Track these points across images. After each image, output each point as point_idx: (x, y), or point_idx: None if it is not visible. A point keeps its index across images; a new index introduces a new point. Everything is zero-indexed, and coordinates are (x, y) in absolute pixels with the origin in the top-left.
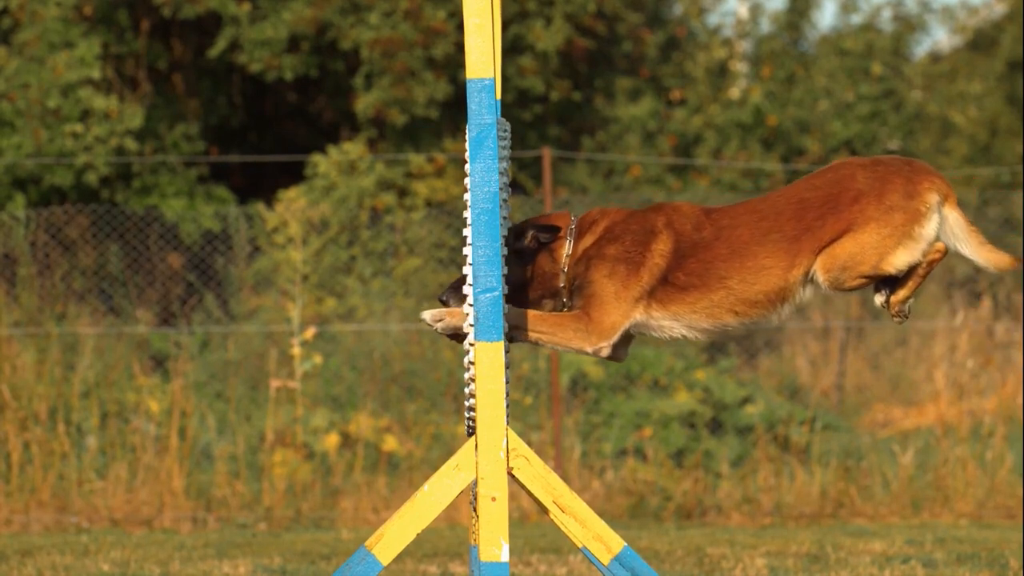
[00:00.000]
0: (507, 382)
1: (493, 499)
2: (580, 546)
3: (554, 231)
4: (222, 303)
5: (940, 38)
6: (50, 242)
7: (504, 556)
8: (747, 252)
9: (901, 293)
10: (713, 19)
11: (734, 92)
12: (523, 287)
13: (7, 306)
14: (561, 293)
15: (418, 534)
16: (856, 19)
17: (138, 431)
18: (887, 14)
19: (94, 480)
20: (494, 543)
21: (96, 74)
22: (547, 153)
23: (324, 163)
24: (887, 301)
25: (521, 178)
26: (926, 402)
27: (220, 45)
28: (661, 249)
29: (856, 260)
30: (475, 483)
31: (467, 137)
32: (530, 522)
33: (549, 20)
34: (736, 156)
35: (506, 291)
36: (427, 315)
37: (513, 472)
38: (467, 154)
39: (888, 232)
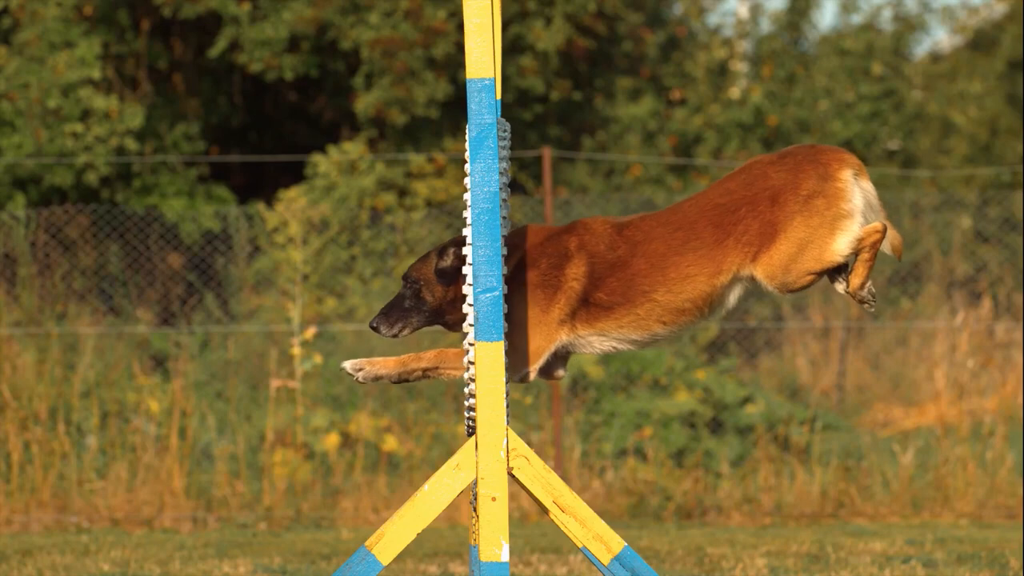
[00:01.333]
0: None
1: (493, 499)
2: (580, 546)
3: (461, 258)
4: (222, 303)
5: (940, 38)
6: (50, 242)
7: (504, 556)
8: (668, 264)
9: (855, 280)
10: (713, 19)
11: (734, 92)
12: (446, 309)
13: (7, 306)
14: None
15: (418, 534)
16: (856, 19)
17: (138, 431)
18: (887, 14)
19: (94, 480)
20: (494, 543)
21: (96, 74)
22: (547, 153)
23: (324, 163)
24: (848, 290)
25: (521, 178)
26: (926, 402)
27: (220, 45)
28: (575, 273)
29: (795, 258)
30: (475, 483)
31: (467, 137)
32: (530, 522)
33: (549, 20)
34: (736, 156)
35: (442, 317)
36: (347, 365)
37: (513, 472)
38: (467, 154)
39: (817, 221)
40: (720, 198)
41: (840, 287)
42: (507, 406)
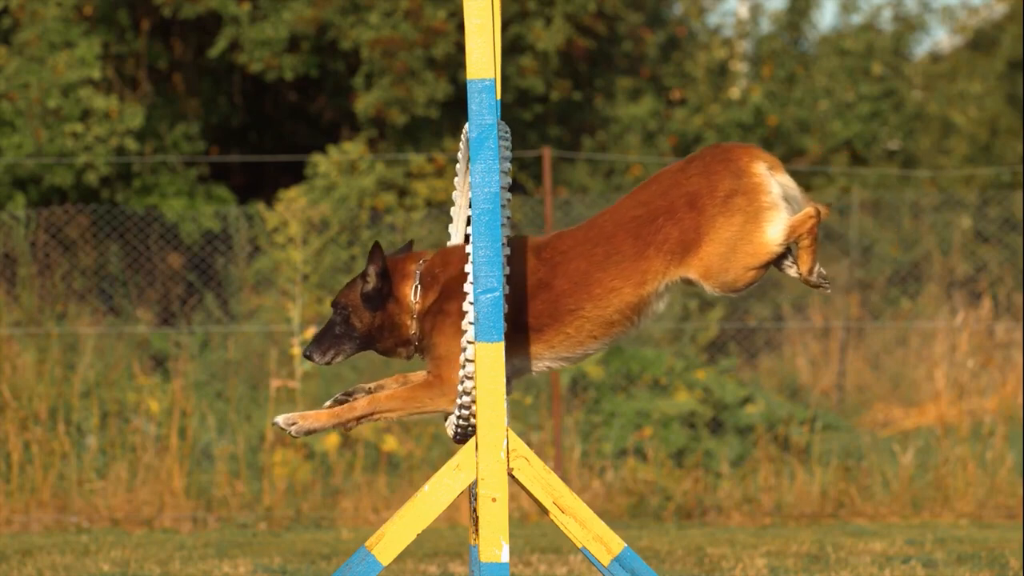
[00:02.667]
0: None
1: (493, 500)
2: (580, 547)
3: (384, 277)
4: (222, 303)
5: (940, 38)
6: (50, 242)
7: (504, 557)
8: (591, 280)
9: (802, 267)
10: (713, 19)
11: (734, 92)
12: (375, 335)
13: (7, 306)
14: (412, 342)
15: (418, 534)
16: (856, 19)
17: (138, 431)
18: (887, 14)
19: (94, 480)
20: (494, 544)
21: (96, 74)
22: (547, 153)
23: (324, 163)
24: (799, 276)
25: (521, 178)
26: (926, 402)
27: (220, 45)
28: None
29: (729, 257)
30: (475, 483)
31: (468, 137)
32: (530, 522)
33: (549, 20)
34: None
35: (392, 350)
36: (279, 420)
37: (513, 473)
38: (458, 154)
39: (741, 218)
40: (635, 210)
41: (792, 271)
42: (507, 407)
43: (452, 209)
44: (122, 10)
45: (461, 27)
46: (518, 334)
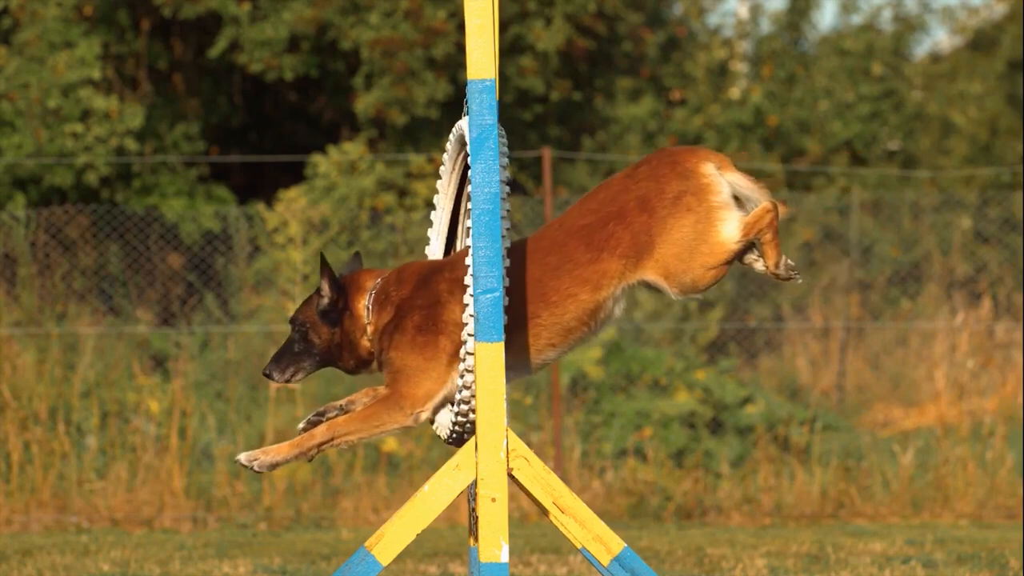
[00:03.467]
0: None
1: (493, 500)
2: (580, 547)
3: (338, 290)
4: (222, 303)
5: (940, 38)
6: (50, 242)
7: (504, 557)
8: (547, 288)
9: (768, 261)
10: (713, 19)
11: (734, 92)
12: (335, 352)
13: (7, 306)
14: (371, 361)
15: (418, 534)
16: (856, 19)
17: (138, 431)
18: (887, 14)
19: (94, 480)
20: (494, 544)
21: (96, 74)
22: (547, 153)
23: (324, 163)
24: (766, 270)
25: (521, 178)
26: (926, 402)
27: (220, 45)
28: (451, 315)
29: (685, 258)
30: (474, 484)
31: (455, 137)
32: (530, 522)
33: (549, 20)
34: (736, 156)
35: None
36: (242, 458)
37: (513, 473)
38: (444, 155)
39: (693, 218)
40: (585, 218)
41: (759, 266)
42: (507, 406)
43: (433, 213)
44: (122, 10)
45: (461, 27)
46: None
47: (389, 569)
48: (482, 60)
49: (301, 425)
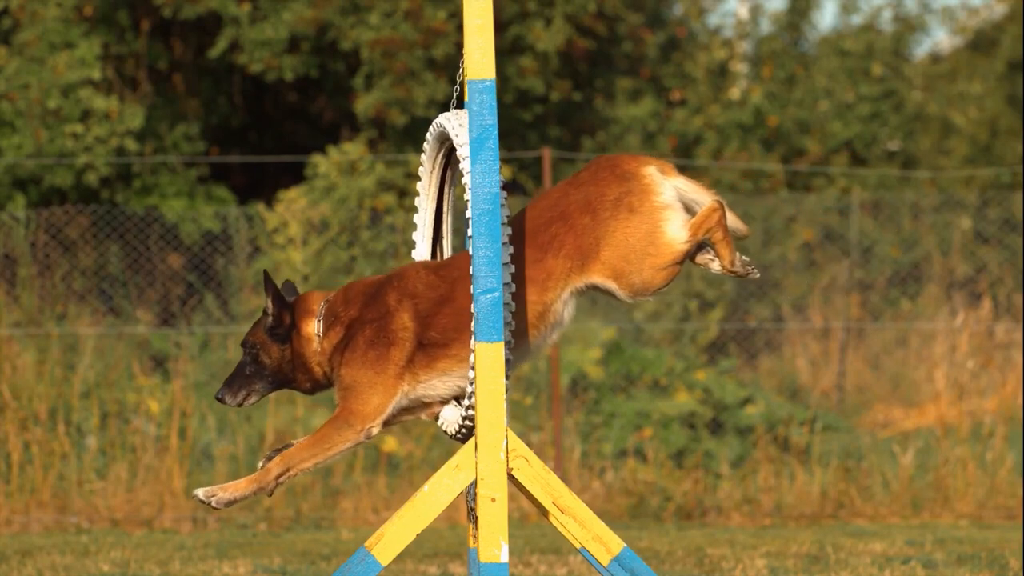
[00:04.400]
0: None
1: (493, 500)
2: (579, 547)
3: (283, 306)
4: (222, 303)
5: (940, 38)
6: (50, 242)
7: (504, 557)
8: None
9: (723, 260)
10: (713, 19)
11: (734, 92)
12: (287, 372)
13: (7, 306)
14: (325, 381)
15: (418, 534)
16: (856, 19)
17: (138, 431)
18: (887, 14)
19: (94, 480)
20: (494, 544)
21: (96, 74)
22: (547, 153)
23: (324, 163)
24: (722, 269)
25: (521, 178)
26: (926, 402)
27: (220, 45)
28: (402, 324)
29: (631, 259)
30: (474, 484)
31: (433, 135)
32: (530, 523)
33: (549, 20)
34: (736, 157)
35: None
36: (199, 494)
37: (513, 473)
38: (422, 156)
39: (636, 219)
40: (529, 224)
41: (715, 266)
42: (507, 406)
43: (416, 216)
44: (122, 10)
45: (461, 28)
46: (426, 352)
47: (389, 569)
48: (482, 60)
49: (261, 463)
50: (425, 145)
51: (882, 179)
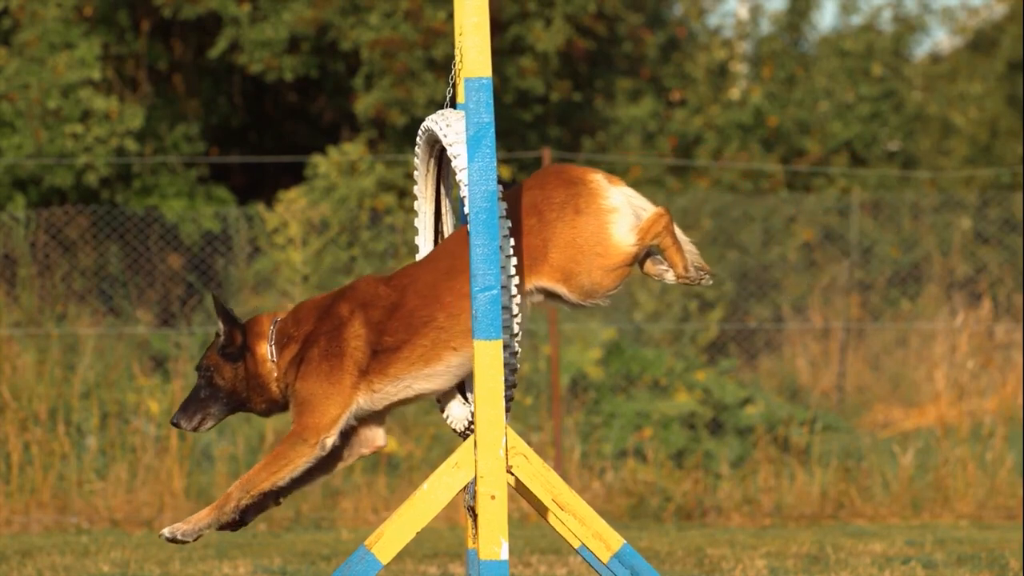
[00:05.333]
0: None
1: (493, 497)
2: (579, 544)
3: (233, 325)
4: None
5: (940, 39)
6: (50, 243)
7: (504, 555)
8: (441, 290)
9: (676, 268)
10: (713, 20)
11: (734, 93)
12: (242, 393)
13: (7, 306)
14: (281, 401)
15: (417, 533)
16: (856, 20)
17: (138, 432)
18: (887, 15)
19: (94, 480)
20: (493, 541)
21: (96, 75)
22: (547, 154)
23: (324, 164)
24: (677, 279)
25: (521, 178)
26: (926, 403)
27: (220, 45)
28: (354, 332)
29: (581, 261)
30: (473, 482)
31: (424, 133)
32: (530, 523)
33: (549, 21)
34: (736, 157)
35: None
36: (165, 532)
37: (512, 470)
38: (417, 157)
39: (583, 220)
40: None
41: (670, 276)
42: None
43: (416, 220)
44: (122, 11)
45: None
46: (379, 359)
47: (389, 569)
48: (479, 58)
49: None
50: (417, 150)
51: (882, 179)
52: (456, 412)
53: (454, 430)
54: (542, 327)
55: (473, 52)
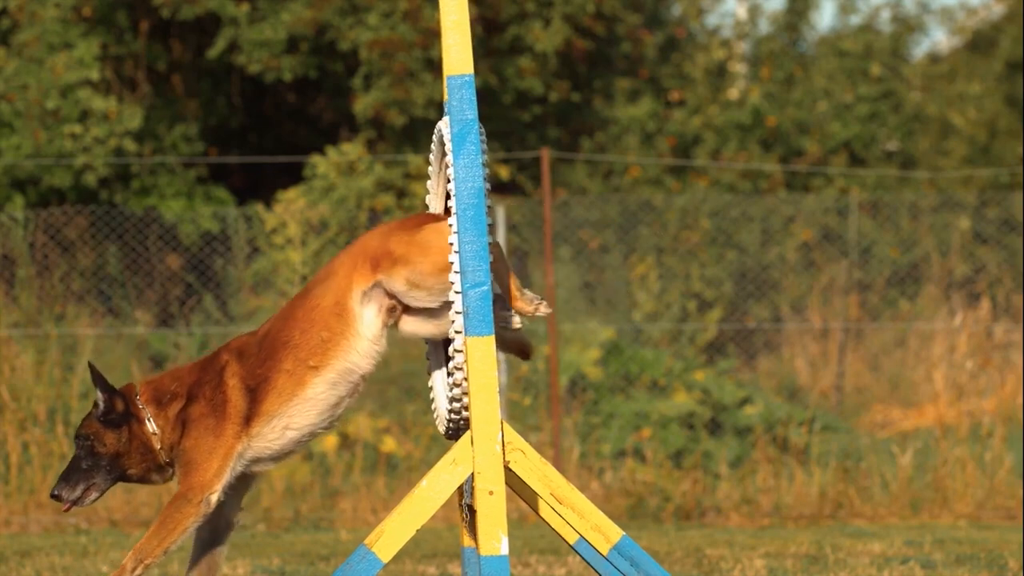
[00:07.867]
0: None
1: (491, 493)
2: (577, 538)
3: (112, 392)
4: (221, 304)
5: (939, 39)
6: (49, 243)
7: (504, 550)
8: (294, 310)
9: (516, 303)
10: (712, 20)
11: (733, 93)
12: (125, 460)
13: (6, 307)
14: (166, 468)
15: (417, 531)
16: (855, 20)
17: None
18: (886, 15)
19: None
20: (493, 536)
21: (95, 75)
22: (546, 154)
23: (323, 164)
24: (521, 313)
25: (520, 179)
26: (925, 403)
27: (219, 46)
28: (232, 373)
29: (421, 271)
30: (470, 480)
31: (442, 134)
32: (529, 523)
33: (548, 21)
34: (735, 157)
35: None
36: None
37: (509, 465)
38: (432, 155)
39: (420, 248)
40: (327, 266)
41: (516, 320)
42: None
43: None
44: (121, 11)
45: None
46: (255, 396)
47: (388, 569)
48: (460, 55)
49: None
50: (432, 146)
51: (881, 179)
52: (442, 413)
53: (440, 430)
54: (541, 327)
55: (454, 50)
